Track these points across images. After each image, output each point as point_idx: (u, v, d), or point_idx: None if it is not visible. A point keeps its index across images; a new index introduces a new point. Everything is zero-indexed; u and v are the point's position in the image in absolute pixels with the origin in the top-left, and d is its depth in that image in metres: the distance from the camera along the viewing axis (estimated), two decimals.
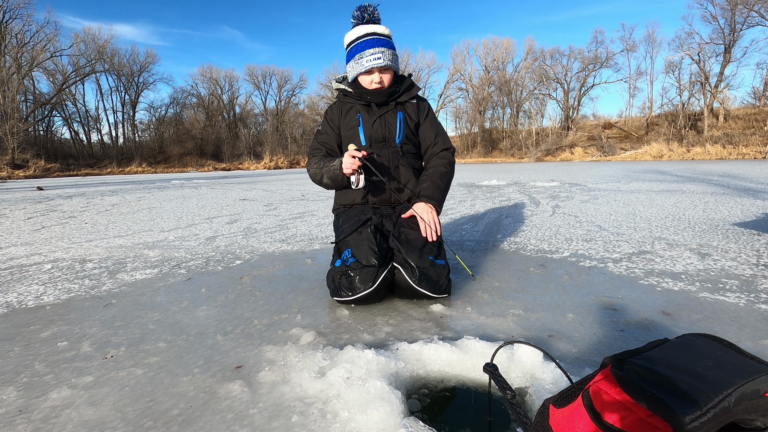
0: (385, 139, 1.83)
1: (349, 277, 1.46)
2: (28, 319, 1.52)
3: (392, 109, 1.85)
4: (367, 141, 1.82)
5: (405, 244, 1.55)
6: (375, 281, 1.45)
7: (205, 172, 28.09)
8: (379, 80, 1.77)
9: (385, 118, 1.83)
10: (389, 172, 1.82)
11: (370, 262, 1.47)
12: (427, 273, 1.49)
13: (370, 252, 1.49)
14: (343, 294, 1.48)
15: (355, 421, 0.83)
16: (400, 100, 1.85)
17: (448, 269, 1.55)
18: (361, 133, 1.83)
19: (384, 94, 1.80)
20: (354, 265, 1.48)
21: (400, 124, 1.83)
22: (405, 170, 1.83)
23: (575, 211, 3.84)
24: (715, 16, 27.54)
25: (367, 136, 1.83)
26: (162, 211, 4.89)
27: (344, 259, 1.52)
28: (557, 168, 15.16)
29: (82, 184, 13.97)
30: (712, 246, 2.31)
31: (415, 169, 1.87)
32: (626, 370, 0.48)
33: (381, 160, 1.80)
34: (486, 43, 38.10)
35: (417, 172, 1.88)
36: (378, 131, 1.82)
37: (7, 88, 28.30)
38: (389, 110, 1.84)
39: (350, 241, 1.57)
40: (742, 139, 22.75)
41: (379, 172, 1.70)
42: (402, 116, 1.84)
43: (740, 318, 1.33)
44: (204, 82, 43.85)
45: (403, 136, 1.84)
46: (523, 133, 36.82)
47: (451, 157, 1.89)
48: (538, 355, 0.99)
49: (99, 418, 0.90)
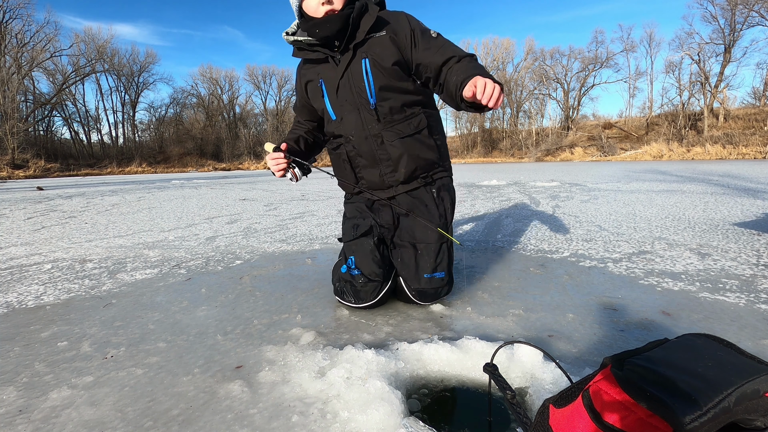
0: (356, 105, 1.38)
1: (354, 287, 1.45)
2: (28, 319, 1.52)
3: (353, 58, 1.34)
4: (336, 113, 1.42)
5: (399, 263, 1.49)
6: (378, 294, 1.46)
7: (205, 172, 28.09)
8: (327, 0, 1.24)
9: (350, 72, 1.35)
10: (364, 153, 1.44)
11: (374, 277, 1.45)
12: (424, 291, 1.46)
13: (374, 266, 1.45)
14: (346, 299, 1.48)
15: (355, 421, 0.83)
16: (356, 42, 1.32)
17: (447, 278, 1.48)
18: (328, 108, 1.43)
19: (337, 21, 1.27)
20: (359, 278, 1.44)
21: (368, 76, 1.32)
22: (392, 145, 1.39)
23: (575, 211, 3.84)
24: (715, 16, 27.56)
25: (333, 104, 1.42)
26: (162, 211, 4.89)
27: (349, 266, 1.48)
28: (557, 168, 15.16)
29: (82, 184, 13.97)
30: (712, 246, 2.31)
31: (407, 137, 1.40)
32: (626, 370, 0.48)
33: (354, 140, 1.43)
34: (486, 43, 38.13)
35: (410, 142, 1.41)
36: (344, 97, 1.38)
37: (7, 88, 28.32)
38: (351, 59, 1.34)
39: (354, 248, 1.49)
40: (742, 139, 22.75)
41: (307, 159, 1.51)
42: (368, 64, 1.32)
43: (740, 318, 1.33)
44: (204, 82, 43.93)
45: (377, 93, 1.34)
46: (523, 133, 36.83)
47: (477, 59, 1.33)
48: (538, 355, 0.99)
49: (99, 418, 0.90)
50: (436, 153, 1.49)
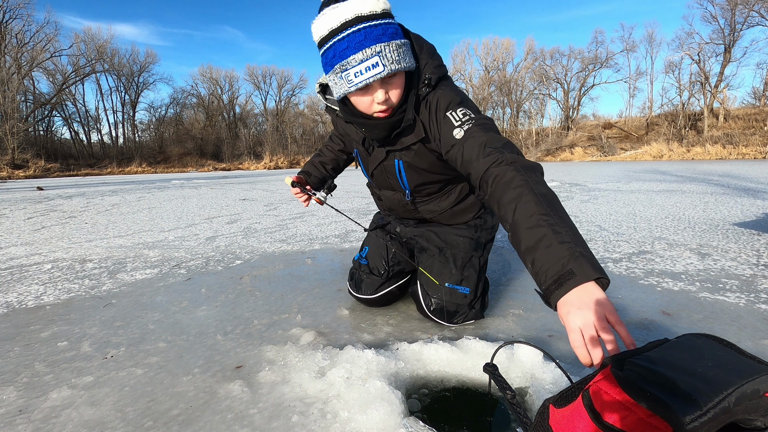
0: (392, 187, 1.39)
1: (359, 276, 1.51)
2: (28, 319, 1.52)
3: (386, 157, 1.27)
4: (374, 182, 1.45)
5: (425, 262, 1.38)
6: (377, 291, 1.46)
7: (205, 172, 28.09)
8: (385, 99, 1.03)
9: (383, 167, 1.31)
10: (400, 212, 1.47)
11: (378, 271, 1.48)
12: (441, 304, 1.30)
13: (381, 262, 1.49)
14: (350, 285, 1.54)
15: (355, 421, 0.83)
16: (392, 148, 1.22)
17: (474, 297, 1.31)
18: (364, 172, 1.45)
19: (385, 129, 1.12)
20: (365, 268, 1.50)
21: (401, 175, 1.29)
22: (425, 206, 1.40)
23: (575, 211, 3.84)
24: (715, 16, 27.53)
25: (372, 178, 1.43)
26: (162, 211, 4.89)
27: (361, 255, 1.54)
28: (557, 168, 15.15)
29: (82, 184, 13.97)
30: (712, 246, 2.31)
31: (443, 213, 1.40)
32: (626, 370, 0.48)
33: (390, 203, 1.47)
34: (486, 43, 38.09)
35: (447, 214, 1.40)
36: (379, 179, 1.40)
37: (7, 88, 28.31)
38: (384, 158, 1.27)
39: (370, 239, 1.56)
40: (742, 139, 22.74)
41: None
42: (402, 164, 1.26)
43: (740, 318, 1.33)
44: (204, 82, 43.89)
45: (411, 189, 1.34)
46: (523, 133, 36.80)
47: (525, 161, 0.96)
48: (538, 355, 0.99)
49: (99, 418, 0.90)
50: (473, 212, 1.42)
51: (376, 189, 1.51)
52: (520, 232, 0.77)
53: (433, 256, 1.37)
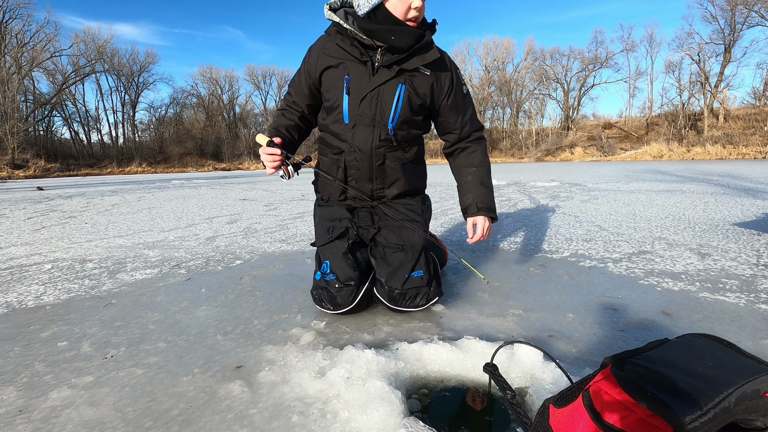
0: (374, 122, 1.37)
1: (330, 293, 1.39)
2: (28, 319, 1.52)
3: (393, 77, 1.32)
4: (351, 119, 1.38)
5: (380, 261, 1.41)
6: (355, 299, 1.40)
7: (205, 172, 28.09)
8: (421, 6, 1.22)
9: (382, 89, 1.33)
10: (363, 168, 1.43)
11: (349, 281, 1.39)
12: (401, 293, 1.37)
13: (349, 270, 1.40)
14: (324, 306, 1.42)
15: (355, 421, 0.83)
16: (405, 66, 1.31)
17: (428, 277, 1.40)
18: (345, 105, 1.36)
19: (414, 36, 1.26)
20: (334, 283, 1.39)
21: (398, 102, 1.34)
22: (391, 168, 1.45)
23: (575, 211, 3.84)
24: (715, 16, 27.54)
25: (351, 111, 1.36)
26: (162, 211, 4.89)
27: (324, 272, 1.43)
28: (557, 168, 15.15)
29: (82, 184, 13.97)
30: (712, 246, 2.31)
31: (405, 164, 1.47)
32: (627, 370, 0.48)
33: (358, 153, 1.41)
34: (486, 43, 38.10)
35: (408, 168, 1.48)
36: (365, 109, 1.36)
37: (7, 88, 28.31)
38: (390, 78, 1.32)
39: (328, 252, 1.45)
40: (742, 139, 22.74)
41: (296, 149, 1.47)
42: (404, 90, 1.33)
43: (740, 318, 1.33)
44: (204, 82, 43.89)
45: (398, 120, 1.37)
46: (523, 133, 36.82)
47: (485, 140, 1.57)
48: (538, 355, 0.99)
49: (99, 418, 0.90)
50: (425, 180, 1.62)
51: (344, 132, 1.40)
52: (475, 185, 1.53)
53: (394, 253, 1.43)
